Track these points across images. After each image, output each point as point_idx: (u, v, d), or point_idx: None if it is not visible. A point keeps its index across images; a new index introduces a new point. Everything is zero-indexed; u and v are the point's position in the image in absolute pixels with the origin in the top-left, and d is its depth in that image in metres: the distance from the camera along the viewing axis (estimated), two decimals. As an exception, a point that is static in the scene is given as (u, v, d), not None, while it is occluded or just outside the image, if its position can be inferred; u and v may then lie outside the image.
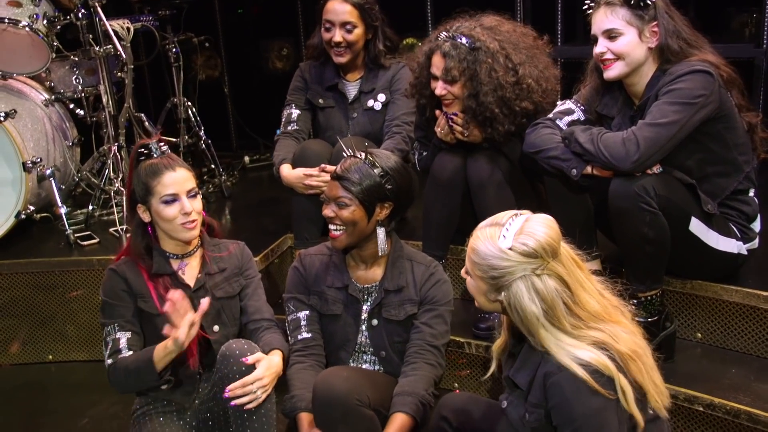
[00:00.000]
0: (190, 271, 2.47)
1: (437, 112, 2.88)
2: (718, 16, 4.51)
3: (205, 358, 2.42)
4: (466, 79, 2.74)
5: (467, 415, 2.05)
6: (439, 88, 2.79)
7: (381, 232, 2.49)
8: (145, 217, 2.40)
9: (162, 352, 2.23)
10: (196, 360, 2.36)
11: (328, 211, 2.45)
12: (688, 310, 2.79)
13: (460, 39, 2.74)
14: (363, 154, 2.45)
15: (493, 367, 2.12)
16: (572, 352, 1.80)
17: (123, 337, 2.35)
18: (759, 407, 2.37)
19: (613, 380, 1.78)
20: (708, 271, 2.67)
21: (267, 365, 2.26)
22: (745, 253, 2.62)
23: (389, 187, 2.44)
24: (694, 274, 2.71)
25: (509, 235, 1.84)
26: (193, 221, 2.38)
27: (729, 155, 2.54)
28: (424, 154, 3.09)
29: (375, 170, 2.42)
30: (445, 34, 2.79)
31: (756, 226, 2.65)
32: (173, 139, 4.36)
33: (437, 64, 2.77)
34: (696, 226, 2.48)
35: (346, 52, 3.29)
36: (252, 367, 2.23)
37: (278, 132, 3.47)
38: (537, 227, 1.85)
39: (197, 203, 2.40)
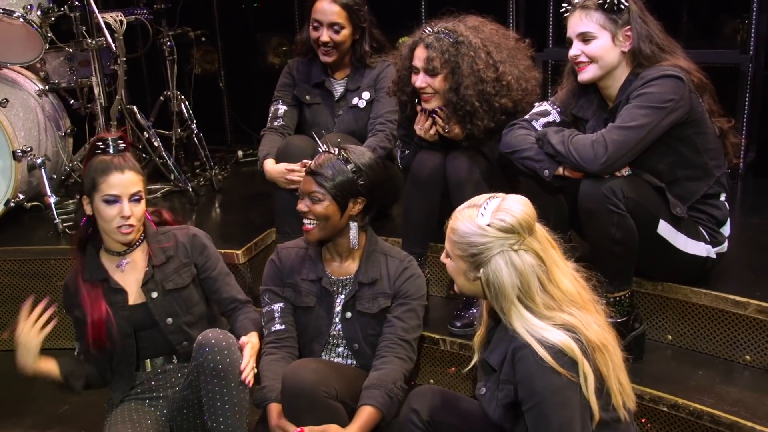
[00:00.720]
0: (136, 266, 2.49)
1: (417, 108, 2.91)
2: (711, 22, 4.53)
3: (163, 345, 2.50)
4: (447, 72, 2.77)
5: (437, 409, 2.08)
6: (420, 80, 2.82)
7: (353, 227, 2.53)
8: (87, 210, 2.45)
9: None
10: (102, 341, 2.42)
11: (302, 206, 2.49)
12: (658, 312, 2.82)
13: (444, 34, 2.79)
14: (337, 150, 2.49)
15: (475, 359, 2.15)
16: (537, 331, 1.85)
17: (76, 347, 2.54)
18: (721, 409, 2.41)
19: (576, 363, 1.83)
20: (677, 273, 2.70)
21: (251, 352, 2.34)
22: (714, 256, 2.64)
23: (362, 182, 2.48)
24: (664, 277, 2.74)
25: (487, 213, 1.92)
26: (131, 226, 2.39)
27: (699, 160, 2.57)
28: (406, 152, 3.13)
29: (348, 166, 2.46)
30: (429, 29, 2.84)
31: (726, 230, 2.68)
32: (166, 132, 4.41)
33: (419, 56, 2.81)
34: (664, 229, 2.51)
35: (332, 52, 3.33)
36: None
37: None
38: (513, 205, 1.93)
39: (138, 208, 2.41)
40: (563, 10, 2.64)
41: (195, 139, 4.45)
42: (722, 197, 2.66)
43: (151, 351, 2.52)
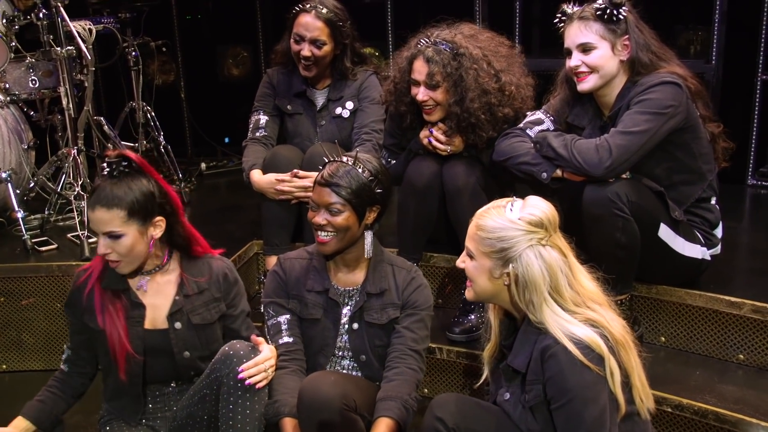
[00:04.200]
0: (159, 288, 2.36)
1: (423, 132, 2.90)
2: (666, 33, 4.67)
3: (141, 378, 2.37)
4: (449, 85, 2.79)
5: (462, 416, 2.06)
6: (421, 93, 2.82)
7: (369, 236, 2.49)
8: None
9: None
10: (123, 372, 2.30)
11: (319, 219, 2.40)
12: (652, 314, 2.88)
13: (443, 45, 2.79)
14: (349, 159, 2.45)
15: (485, 373, 2.16)
16: (566, 326, 1.88)
17: (68, 353, 2.40)
18: (725, 407, 2.47)
19: (603, 359, 1.86)
20: (674, 276, 2.77)
21: (270, 354, 2.27)
22: (709, 258, 2.72)
23: (379, 190, 2.43)
24: (661, 279, 2.80)
25: (515, 208, 1.96)
26: (115, 261, 2.23)
27: (694, 164, 2.65)
28: (392, 162, 3.12)
29: (364, 174, 2.41)
30: (426, 40, 2.83)
31: (718, 232, 2.77)
32: (131, 144, 4.29)
33: (419, 70, 2.80)
34: (664, 233, 2.57)
35: (312, 68, 3.28)
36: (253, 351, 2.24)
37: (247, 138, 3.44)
38: (539, 203, 1.98)
39: (119, 246, 2.20)
40: (557, 20, 2.68)
41: (163, 150, 4.34)
42: (713, 200, 2.75)
43: (153, 377, 2.39)
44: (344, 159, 2.43)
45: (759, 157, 4.23)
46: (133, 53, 4.25)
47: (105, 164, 2.23)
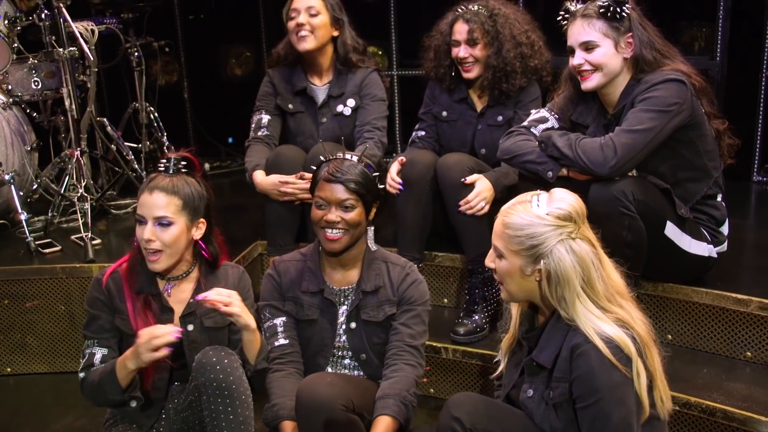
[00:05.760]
0: (180, 294, 2.38)
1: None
2: (670, 30, 4.66)
3: (167, 383, 2.37)
4: (487, 41, 3.07)
5: (479, 416, 2.03)
6: (462, 51, 3.10)
7: (371, 231, 2.50)
8: None
9: (122, 367, 2.20)
10: (150, 383, 2.31)
11: (332, 216, 2.39)
12: (659, 312, 2.86)
13: (480, 8, 3.11)
14: (353, 156, 2.45)
15: (502, 365, 2.14)
16: (598, 323, 1.85)
17: (99, 353, 2.31)
18: (733, 405, 2.46)
19: (631, 360, 1.83)
20: (681, 274, 2.75)
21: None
22: (716, 256, 2.71)
23: (381, 186, 2.48)
24: (668, 277, 2.79)
25: (542, 203, 1.92)
26: (156, 252, 2.25)
27: (699, 161, 2.63)
28: (420, 134, 3.29)
29: (369, 169, 2.43)
30: (463, 7, 3.14)
31: (725, 229, 2.75)
32: (134, 145, 4.28)
33: (459, 30, 3.10)
34: (671, 230, 2.55)
35: (309, 36, 3.26)
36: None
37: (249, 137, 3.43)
38: (564, 195, 1.94)
39: (166, 234, 2.24)
40: (560, 18, 2.67)
41: (166, 150, 4.33)
42: (719, 197, 2.73)
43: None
44: (350, 156, 2.44)
45: (764, 154, 4.21)
46: (136, 54, 4.26)
47: (165, 160, 2.31)
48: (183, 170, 2.32)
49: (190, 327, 2.35)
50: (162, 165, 2.31)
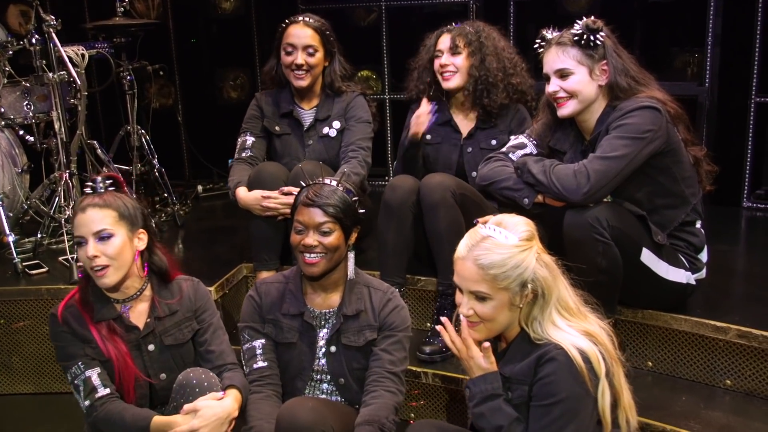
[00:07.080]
0: (137, 315, 2.38)
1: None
2: (662, 55, 4.68)
3: (149, 400, 2.37)
4: (471, 50, 3.14)
5: None
6: (444, 58, 3.15)
7: (351, 257, 2.50)
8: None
9: (161, 428, 2.21)
10: (132, 400, 2.31)
11: (309, 240, 2.40)
12: (639, 338, 2.85)
13: (466, 25, 3.21)
14: (332, 180, 2.47)
15: None
16: (569, 338, 1.90)
17: (93, 374, 2.29)
18: (708, 434, 2.44)
19: (598, 378, 1.87)
20: (659, 300, 2.74)
21: (208, 414, 2.21)
22: (694, 283, 2.70)
23: (362, 210, 2.47)
24: (646, 304, 2.77)
25: (505, 232, 1.96)
26: (102, 268, 2.24)
27: (676, 188, 2.63)
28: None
29: (348, 194, 2.44)
30: (451, 24, 3.23)
31: (703, 256, 2.74)
32: (126, 167, 4.31)
33: (443, 40, 3.18)
34: (647, 257, 2.55)
35: (306, 76, 3.32)
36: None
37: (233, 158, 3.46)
38: (515, 218, 2.01)
39: (108, 247, 2.24)
40: (537, 46, 2.69)
41: (157, 174, 4.36)
42: (698, 224, 2.72)
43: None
44: (326, 180, 2.45)
45: (754, 179, 4.20)
46: (128, 77, 4.29)
47: (90, 182, 2.34)
48: (110, 188, 2.35)
49: (151, 347, 2.36)
50: (89, 187, 2.33)
